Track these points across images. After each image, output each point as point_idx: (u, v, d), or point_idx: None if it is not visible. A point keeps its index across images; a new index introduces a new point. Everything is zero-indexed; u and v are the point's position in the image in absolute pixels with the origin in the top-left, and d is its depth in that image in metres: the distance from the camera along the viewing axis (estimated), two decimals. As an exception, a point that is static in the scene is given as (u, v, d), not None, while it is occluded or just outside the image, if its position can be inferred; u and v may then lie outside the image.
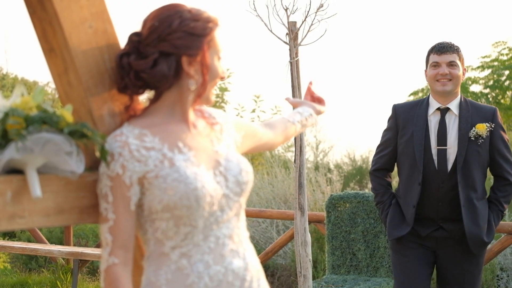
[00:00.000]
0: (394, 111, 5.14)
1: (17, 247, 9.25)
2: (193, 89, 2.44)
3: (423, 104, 5.04)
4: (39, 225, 2.24)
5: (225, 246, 2.42)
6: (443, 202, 4.90)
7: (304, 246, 6.02)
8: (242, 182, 2.47)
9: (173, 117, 2.44)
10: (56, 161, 2.19)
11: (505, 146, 4.93)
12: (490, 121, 4.90)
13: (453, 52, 4.95)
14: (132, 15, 30.68)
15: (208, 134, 2.52)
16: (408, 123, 5.01)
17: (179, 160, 2.36)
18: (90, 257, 8.61)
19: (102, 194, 2.33)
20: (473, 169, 4.86)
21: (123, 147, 2.33)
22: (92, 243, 10.98)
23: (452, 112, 4.93)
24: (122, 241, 2.33)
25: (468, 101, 4.99)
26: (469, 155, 4.84)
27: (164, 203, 2.33)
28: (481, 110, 4.95)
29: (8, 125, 2.10)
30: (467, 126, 4.87)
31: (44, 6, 2.32)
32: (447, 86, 4.91)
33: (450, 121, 4.93)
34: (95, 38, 2.40)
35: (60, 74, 2.40)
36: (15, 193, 2.13)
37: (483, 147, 4.88)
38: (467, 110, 4.92)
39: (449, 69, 4.93)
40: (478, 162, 4.88)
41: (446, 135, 4.91)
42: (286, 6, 5.95)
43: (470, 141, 4.85)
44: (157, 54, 2.38)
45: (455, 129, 4.90)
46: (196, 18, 2.41)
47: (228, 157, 2.49)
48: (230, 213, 2.45)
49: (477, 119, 4.90)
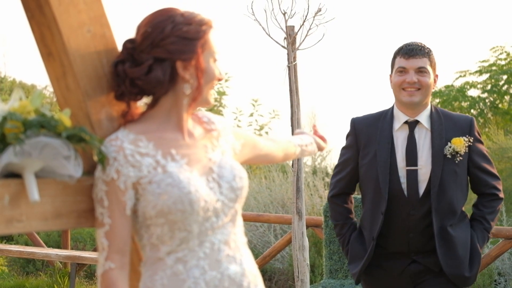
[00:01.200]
0: (353, 126, 4.31)
1: (14, 250, 9.24)
2: (188, 93, 2.44)
3: (387, 117, 4.23)
4: (37, 229, 2.24)
5: (220, 251, 2.42)
6: (414, 232, 4.12)
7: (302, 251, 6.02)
8: (236, 188, 2.47)
9: (168, 124, 2.44)
10: (54, 165, 2.19)
11: (486, 160, 4.22)
12: (467, 134, 4.14)
13: (423, 56, 4.13)
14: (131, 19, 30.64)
15: (203, 141, 2.51)
16: (370, 141, 4.22)
17: (172, 167, 2.36)
18: (87, 261, 8.61)
19: (97, 198, 2.34)
20: (451, 192, 4.11)
21: (118, 151, 2.33)
22: (90, 247, 10.97)
23: (423, 126, 4.16)
24: (118, 246, 2.33)
25: (440, 111, 4.21)
26: (445, 176, 4.09)
27: (158, 208, 2.33)
28: (456, 122, 4.19)
29: (6, 129, 2.10)
30: (441, 141, 4.11)
31: (43, 10, 2.33)
32: (415, 96, 4.12)
33: (421, 136, 4.15)
34: (93, 42, 2.40)
35: (58, 78, 2.40)
36: (13, 197, 2.13)
37: (461, 166, 4.13)
38: (439, 123, 4.15)
39: (418, 76, 4.11)
40: (456, 183, 4.13)
41: (417, 153, 4.13)
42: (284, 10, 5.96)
43: (446, 159, 4.10)
44: (152, 60, 2.38)
45: (427, 146, 4.13)
46: (188, 22, 2.41)
47: (221, 164, 2.49)
48: (225, 219, 2.44)
49: (452, 132, 4.14)
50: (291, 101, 6.07)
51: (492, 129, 13.46)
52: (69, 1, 2.34)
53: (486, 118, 16.11)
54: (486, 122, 15.76)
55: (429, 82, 4.12)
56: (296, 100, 5.99)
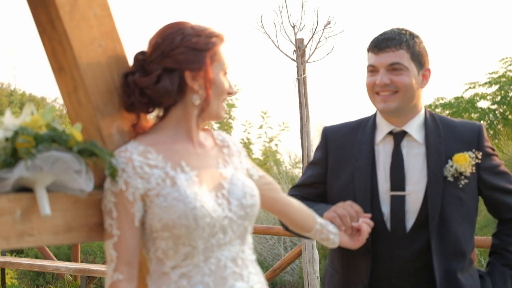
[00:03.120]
0: (324, 137, 3.32)
1: (24, 263, 9.26)
2: (197, 104, 2.45)
3: (368, 126, 3.23)
4: (48, 243, 2.25)
5: (227, 268, 2.40)
6: (399, 278, 3.12)
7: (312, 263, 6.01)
8: (247, 206, 2.46)
9: (178, 135, 2.45)
10: (65, 179, 2.20)
11: (504, 177, 3.23)
12: (475, 148, 3.14)
13: (398, 47, 3.07)
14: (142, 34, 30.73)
15: (215, 155, 2.52)
16: (345, 157, 3.22)
17: (181, 179, 2.36)
18: (97, 274, 8.61)
19: (106, 210, 2.34)
20: (456, 226, 3.11)
21: (127, 163, 2.33)
22: (100, 260, 10.97)
23: (412, 138, 3.15)
24: (127, 257, 2.34)
25: (438, 119, 3.21)
26: (447, 205, 3.08)
27: (164, 222, 2.33)
28: (460, 132, 3.17)
29: (18, 143, 2.12)
30: (440, 158, 3.10)
31: (54, 25, 2.34)
32: (391, 102, 3.09)
33: (411, 151, 3.15)
34: (105, 57, 2.41)
35: (69, 93, 2.41)
36: (25, 211, 2.14)
37: (468, 190, 3.13)
38: (437, 134, 3.15)
39: (391, 75, 3.08)
40: (462, 214, 3.12)
41: (404, 174, 3.11)
42: (294, 23, 5.98)
43: (447, 182, 3.09)
44: (161, 70, 2.40)
45: (420, 165, 3.12)
46: (198, 34, 2.43)
47: (232, 180, 2.48)
48: (233, 236, 2.43)
49: (454, 145, 3.14)
50: (300, 113, 6.08)
51: (502, 140, 13.43)
52: (80, 16, 2.35)
53: (496, 130, 16.07)
54: (496, 134, 15.72)
55: (407, 82, 3.07)
56: (305, 113, 6.01)
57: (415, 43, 3.10)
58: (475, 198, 3.17)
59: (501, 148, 12.63)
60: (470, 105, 16.52)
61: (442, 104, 16.96)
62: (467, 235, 3.14)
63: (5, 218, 2.10)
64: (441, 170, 3.09)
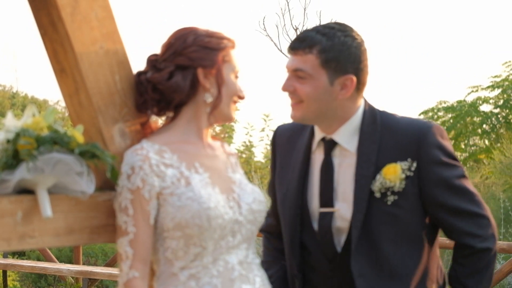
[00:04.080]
0: (274, 137, 2.92)
1: (26, 265, 9.26)
2: (209, 102, 2.46)
3: (308, 129, 2.79)
4: (50, 245, 2.25)
5: (234, 271, 2.42)
6: None
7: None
8: (256, 211, 2.48)
9: (189, 135, 2.47)
10: (67, 181, 2.20)
11: (456, 192, 2.63)
12: (412, 156, 2.60)
13: (307, 50, 2.58)
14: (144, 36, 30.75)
15: (224, 159, 2.55)
16: (286, 164, 2.82)
17: (195, 180, 2.38)
18: (99, 276, 8.61)
19: (121, 207, 2.35)
20: (388, 248, 2.63)
21: (144, 161, 2.35)
22: (102, 262, 10.98)
23: (342, 147, 2.68)
24: (142, 255, 2.34)
25: (380, 121, 2.67)
26: (376, 224, 2.62)
27: (176, 221, 2.34)
28: (400, 135, 2.63)
29: (19, 145, 2.12)
30: (369, 170, 2.62)
31: (56, 27, 2.34)
32: (296, 111, 2.64)
33: (343, 161, 2.69)
34: (106, 59, 2.41)
35: (71, 95, 2.41)
36: (26, 213, 2.14)
37: (405, 206, 2.62)
38: (372, 141, 2.64)
39: (295, 82, 2.61)
40: (398, 233, 2.63)
41: (333, 188, 2.68)
42: (296, 25, 5.98)
43: (374, 199, 2.62)
44: (173, 67, 2.43)
45: (350, 177, 2.66)
46: (210, 35, 2.47)
47: (241, 185, 2.51)
48: (241, 240, 2.45)
49: (391, 154, 2.62)
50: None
51: (505, 144, 13.42)
52: (82, 18, 2.35)
53: (498, 133, 16.07)
54: (498, 137, 15.72)
55: (310, 92, 2.59)
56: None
57: (334, 45, 2.56)
58: (418, 213, 2.64)
59: (504, 151, 12.62)
60: (472, 108, 16.53)
61: (444, 108, 16.97)
62: (408, 256, 2.64)
63: (6, 220, 2.10)
64: (368, 184, 2.61)
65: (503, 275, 7.02)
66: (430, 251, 2.70)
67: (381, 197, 2.60)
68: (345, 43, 2.57)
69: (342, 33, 2.58)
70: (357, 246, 2.62)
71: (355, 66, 2.59)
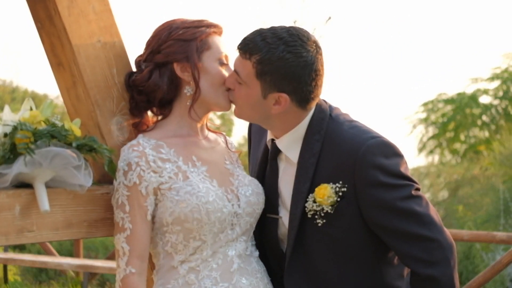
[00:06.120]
0: (250, 125, 2.80)
1: (27, 260, 9.26)
2: (190, 95, 2.46)
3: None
4: (48, 239, 2.25)
5: (233, 264, 2.42)
6: None
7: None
8: (254, 203, 2.48)
9: (183, 130, 2.47)
10: (65, 175, 2.20)
11: (406, 215, 2.40)
12: (347, 177, 2.41)
13: (247, 55, 2.42)
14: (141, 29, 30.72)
15: (222, 151, 2.55)
16: (254, 155, 2.73)
17: (193, 174, 2.39)
18: (99, 270, 8.61)
19: (118, 204, 2.35)
20: (325, 265, 2.48)
21: (140, 157, 2.35)
22: (102, 256, 10.98)
23: (285, 156, 2.55)
24: (139, 251, 2.35)
25: (325, 131, 2.48)
26: (311, 240, 2.48)
27: (175, 215, 2.34)
28: (340, 151, 2.44)
29: (17, 139, 2.11)
30: (305, 185, 2.47)
31: (53, 20, 2.33)
32: (235, 108, 2.55)
33: (287, 168, 2.56)
34: (104, 52, 2.41)
35: (68, 88, 2.41)
36: (24, 207, 2.14)
37: (344, 227, 2.45)
38: (311, 153, 2.47)
39: (234, 81, 2.47)
40: (336, 252, 2.47)
41: (278, 193, 2.57)
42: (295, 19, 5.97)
43: (306, 217, 2.47)
44: (152, 66, 2.43)
45: (291, 187, 2.52)
46: (186, 26, 2.45)
47: (240, 178, 2.51)
48: (240, 232, 2.45)
49: (328, 170, 2.45)
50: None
51: (504, 135, 13.42)
52: (79, 11, 2.35)
53: (498, 125, 16.07)
54: (498, 129, 15.72)
55: (243, 98, 2.46)
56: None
57: (271, 60, 2.38)
58: (359, 232, 2.46)
59: (503, 143, 12.62)
60: (472, 100, 16.53)
61: (444, 100, 16.97)
62: (351, 275, 2.47)
63: (4, 214, 2.10)
64: (302, 201, 2.46)
65: (502, 266, 7.00)
66: (385, 269, 2.50)
67: (311, 217, 2.44)
68: (284, 60, 2.38)
69: (287, 47, 2.38)
70: (290, 262, 2.48)
71: (293, 85, 2.40)
